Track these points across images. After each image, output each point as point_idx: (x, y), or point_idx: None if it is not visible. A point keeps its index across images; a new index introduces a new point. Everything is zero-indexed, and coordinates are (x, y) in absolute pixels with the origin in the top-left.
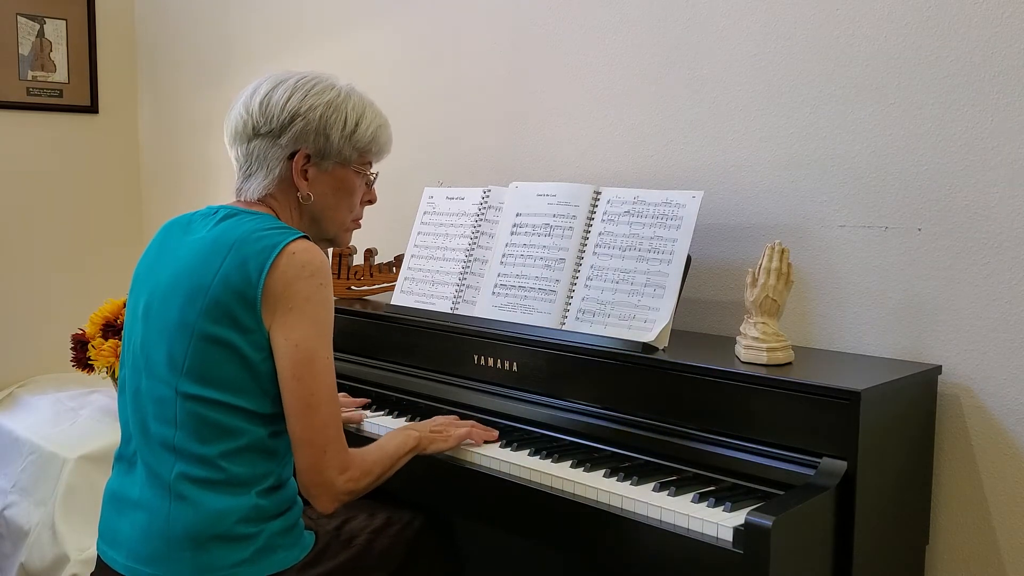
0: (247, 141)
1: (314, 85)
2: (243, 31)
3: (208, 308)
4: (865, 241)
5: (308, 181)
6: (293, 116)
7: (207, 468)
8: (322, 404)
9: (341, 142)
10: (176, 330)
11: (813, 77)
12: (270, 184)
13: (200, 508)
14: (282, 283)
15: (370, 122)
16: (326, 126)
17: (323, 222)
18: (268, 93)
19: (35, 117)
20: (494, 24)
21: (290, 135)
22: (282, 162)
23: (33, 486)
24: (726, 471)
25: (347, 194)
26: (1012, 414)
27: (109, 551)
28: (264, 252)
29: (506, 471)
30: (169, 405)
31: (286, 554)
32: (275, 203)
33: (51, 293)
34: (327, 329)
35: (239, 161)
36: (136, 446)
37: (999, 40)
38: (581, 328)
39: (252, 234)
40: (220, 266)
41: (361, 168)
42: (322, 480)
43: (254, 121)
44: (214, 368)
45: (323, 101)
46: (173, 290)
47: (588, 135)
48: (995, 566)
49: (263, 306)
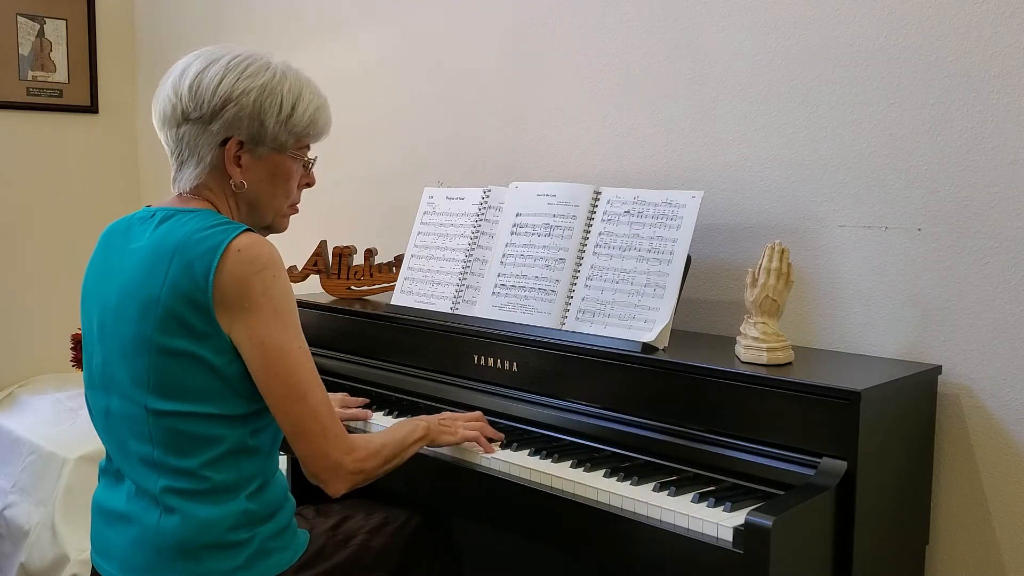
0: (176, 126)
1: (248, 66)
2: (243, 31)
3: (162, 320)
4: (865, 241)
5: (242, 168)
6: (225, 101)
7: (191, 480)
8: (308, 392)
9: (276, 127)
10: (133, 347)
11: (813, 77)
12: (202, 173)
13: (189, 518)
14: (233, 283)
15: (307, 104)
16: (260, 111)
17: (259, 209)
18: (198, 75)
19: (35, 117)
20: (494, 24)
21: (222, 121)
22: (213, 149)
23: (33, 486)
24: (726, 471)
25: (283, 180)
26: (1012, 414)
27: (103, 563)
28: (208, 253)
29: (506, 471)
30: (142, 423)
31: (280, 556)
32: (210, 194)
33: (51, 293)
34: (292, 319)
35: (169, 147)
36: (118, 463)
37: (999, 40)
38: (581, 328)
39: (193, 235)
40: (166, 274)
41: (298, 153)
42: (329, 464)
43: (183, 105)
44: (180, 381)
45: (257, 84)
46: (124, 306)
47: (588, 135)
48: (995, 566)
49: (217, 309)
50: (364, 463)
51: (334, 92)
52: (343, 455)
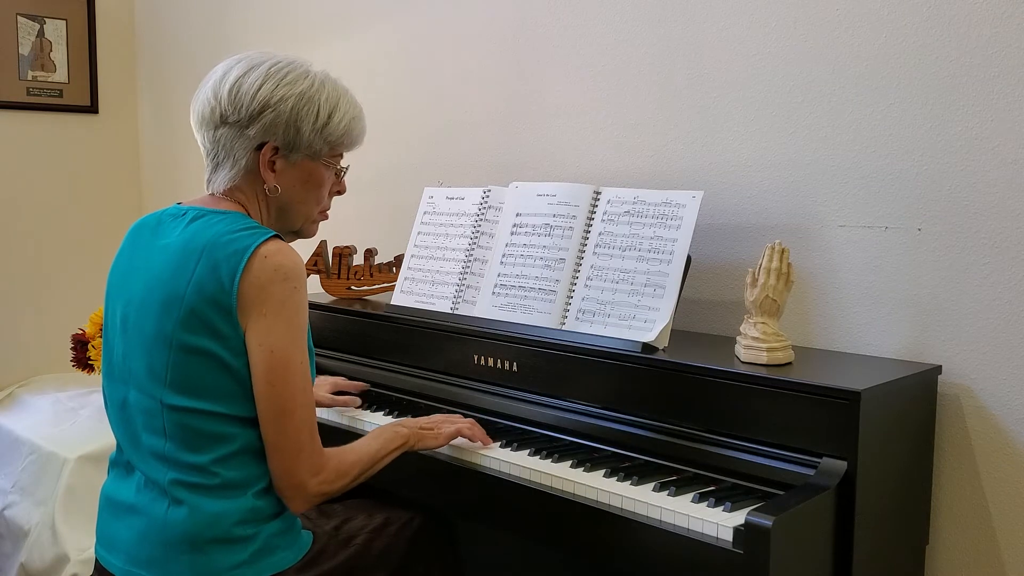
0: (214, 128)
1: (287, 73)
2: (243, 31)
3: (184, 318)
4: (865, 241)
5: (275, 173)
6: (263, 107)
7: (201, 475)
8: (296, 409)
9: (312, 135)
10: (154, 342)
11: (813, 77)
12: (236, 176)
13: (197, 512)
14: (255, 287)
15: (343, 114)
16: (297, 118)
17: (290, 214)
18: (239, 79)
19: (35, 117)
20: (494, 24)
21: (259, 126)
22: (249, 153)
23: (33, 486)
24: (726, 471)
25: (316, 187)
26: (1012, 414)
27: (107, 555)
28: (236, 256)
29: (506, 471)
30: (156, 417)
31: (284, 554)
32: (242, 196)
33: (51, 293)
34: (302, 333)
35: (205, 148)
36: (128, 455)
37: (999, 40)
38: (581, 328)
39: (222, 237)
40: (192, 273)
41: (331, 161)
42: (294, 483)
43: (222, 108)
44: (197, 378)
45: (295, 92)
46: (148, 301)
47: (588, 135)
48: (995, 566)
49: (239, 312)
50: (330, 485)
51: None
52: (309, 476)
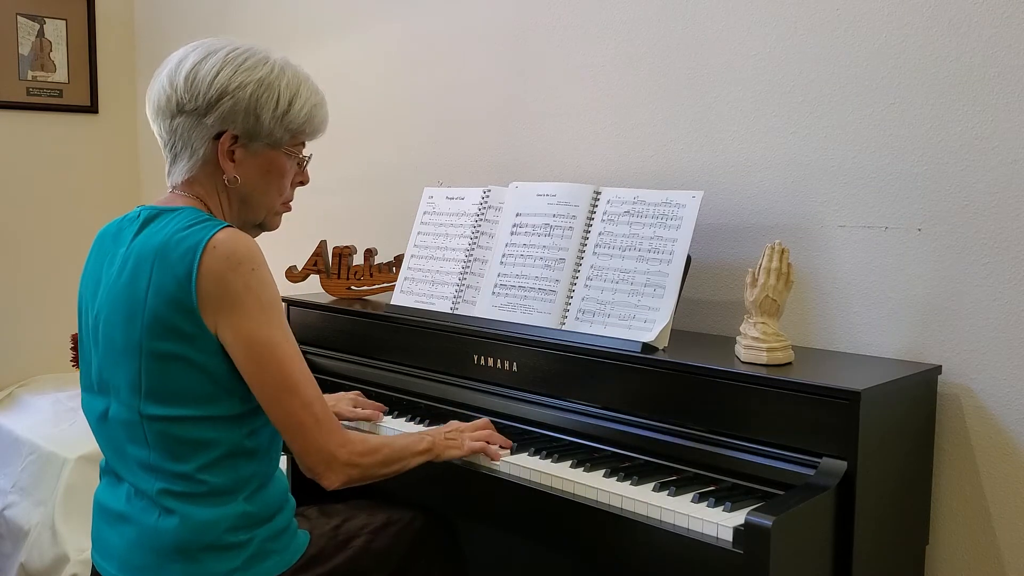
0: (170, 118)
1: (246, 59)
2: (242, 31)
3: (149, 325)
4: (865, 241)
5: (235, 163)
6: (221, 94)
7: (188, 483)
8: (299, 384)
9: (272, 123)
10: (124, 353)
11: (813, 77)
12: (194, 167)
13: (188, 520)
14: (212, 281)
15: (304, 101)
16: (257, 105)
17: (252, 205)
18: (195, 66)
19: (35, 117)
20: (494, 24)
21: (217, 114)
22: (207, 142)
23: (33, 486)
24: (726, 471)
25: (277, 176)
26: (1012, 414)
27: (102, 562)
28: (188, 254)
29: (506, 471)
30: (137, 427)
31: (279, 558)
32: (200, 189)
33: (51, 293)
34: (276, 311)
35: (162, 139)
36: (114, 466)
37: (999, 40)
38: (581, 328)
39: (173, 237)
40: (149, 279)
41: (293, 150)
42: (323, 456)
43: (178, 97)
44: (171, 384)
45: (254, 78)
46: (113, 312)
47: (588, 135)
48: (995, 566)
49: (201, 309)
50: (360, 457)
51: (334, 92)
52: (338, 447)
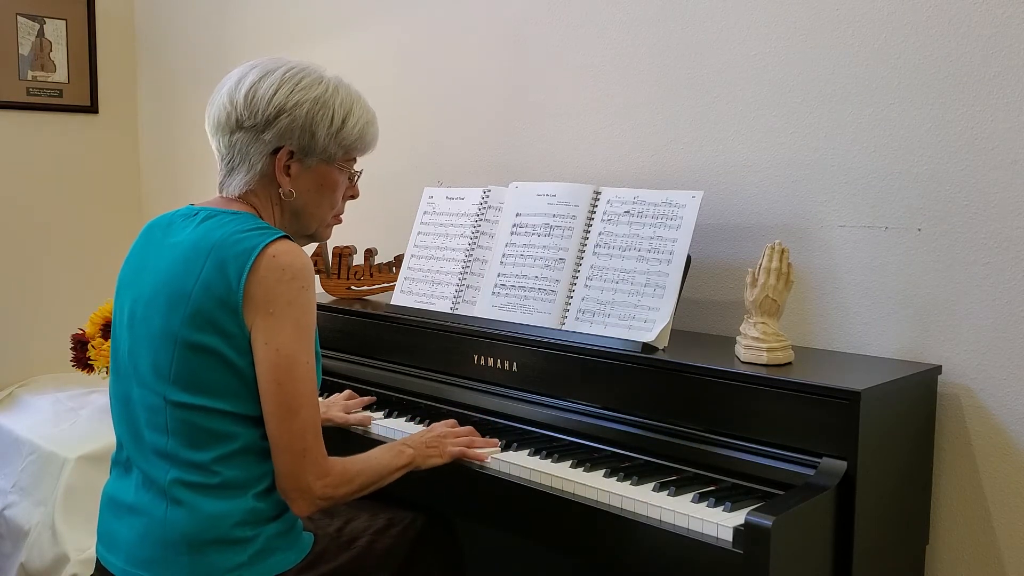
0: (230, 133)
1: (302, 79)
2: (242, 31)
3: (191, 316)
4: (865, 241)
5: (291, 177)
6: (279, 111)
7: (202, 473)
8: (302, 408)
9: (327, 140)
10: (160, 338)
11: (813, 77)
12: (252, 180)
13: (196, 512)
14: (262, 287)
15: (357, 119)
16: (312, 123)
17: (304, 218)
18: (254, 84)
19: (35, 117)
20: (494, 24)
21: (275, 131)
22: (264, 157)
23: (33, 486)
24: (726, 471)
25: (330, 191)
26: (1012, 414)
27: (108, 555)
28: (243, 255)
29: (506, 471)
30: (160, 413)
31: (284, 556)
32: (256, 200)
33: (51, 293)
34: (309, 333)
35: (220, 153)
36: (129, 452)
37: (999, 40)
38: (581, 328)
39: (231, 237)
40: (200, 272)
41: (345, 165)
42: (299, 485)
43: (238, 114)
44: (201, 375)
45: (310, 97)
46: (155, 297)
47: (588, 135)
48: (995, 566)
49: (245, 311)
50: (334, 490)
51: None
52: (315, 479)
